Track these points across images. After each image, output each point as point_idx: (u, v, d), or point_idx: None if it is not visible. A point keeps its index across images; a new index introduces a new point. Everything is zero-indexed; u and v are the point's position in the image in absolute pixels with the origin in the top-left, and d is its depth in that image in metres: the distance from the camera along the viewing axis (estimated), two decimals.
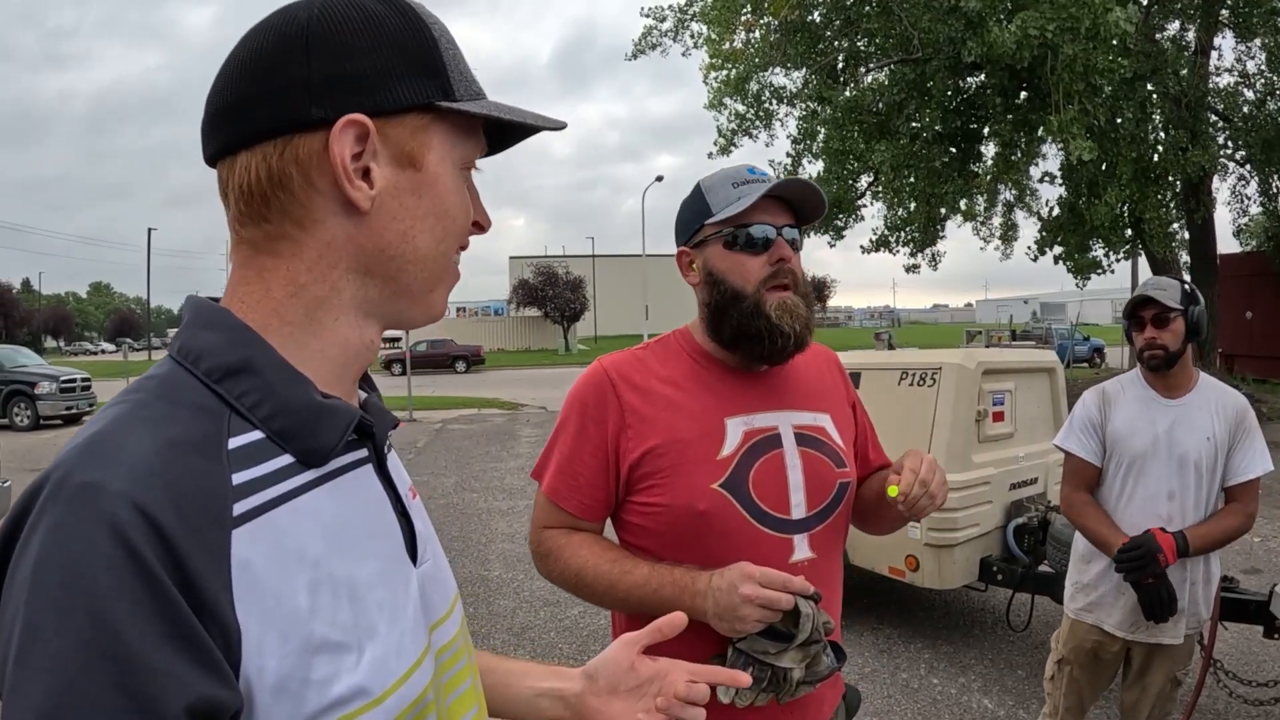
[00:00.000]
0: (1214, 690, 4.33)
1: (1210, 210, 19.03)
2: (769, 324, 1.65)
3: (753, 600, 1.47)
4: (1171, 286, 3.05)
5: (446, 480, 11.76)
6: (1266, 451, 3.08)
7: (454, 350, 41.09)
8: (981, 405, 5.15)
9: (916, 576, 5.02)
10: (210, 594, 0.66)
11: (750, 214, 1.67)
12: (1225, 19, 18.04)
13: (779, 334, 1.65)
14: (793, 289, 1.68)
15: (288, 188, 0.80)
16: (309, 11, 0.81)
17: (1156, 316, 3.03)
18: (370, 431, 0.88)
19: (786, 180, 1.67)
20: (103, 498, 0.64)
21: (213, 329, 0.80)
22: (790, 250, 1.69)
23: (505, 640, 5.71)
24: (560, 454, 1.76)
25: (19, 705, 0.60)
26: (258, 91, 0.79)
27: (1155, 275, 17.68)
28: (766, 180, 1.68)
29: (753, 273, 1.67)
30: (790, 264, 1.68)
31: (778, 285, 1.67)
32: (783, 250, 1.67)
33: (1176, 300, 3.01)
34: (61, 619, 0.60)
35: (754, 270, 1.67)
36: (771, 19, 18.34)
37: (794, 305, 1.67)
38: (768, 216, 1.69)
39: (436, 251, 0.88)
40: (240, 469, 0.73)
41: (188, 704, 0.62)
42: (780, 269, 1.67)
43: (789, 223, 1.71)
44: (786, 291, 1.67)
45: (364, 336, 0.87)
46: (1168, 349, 3.02)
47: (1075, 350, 30.95)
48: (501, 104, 0.91)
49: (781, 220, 1.70)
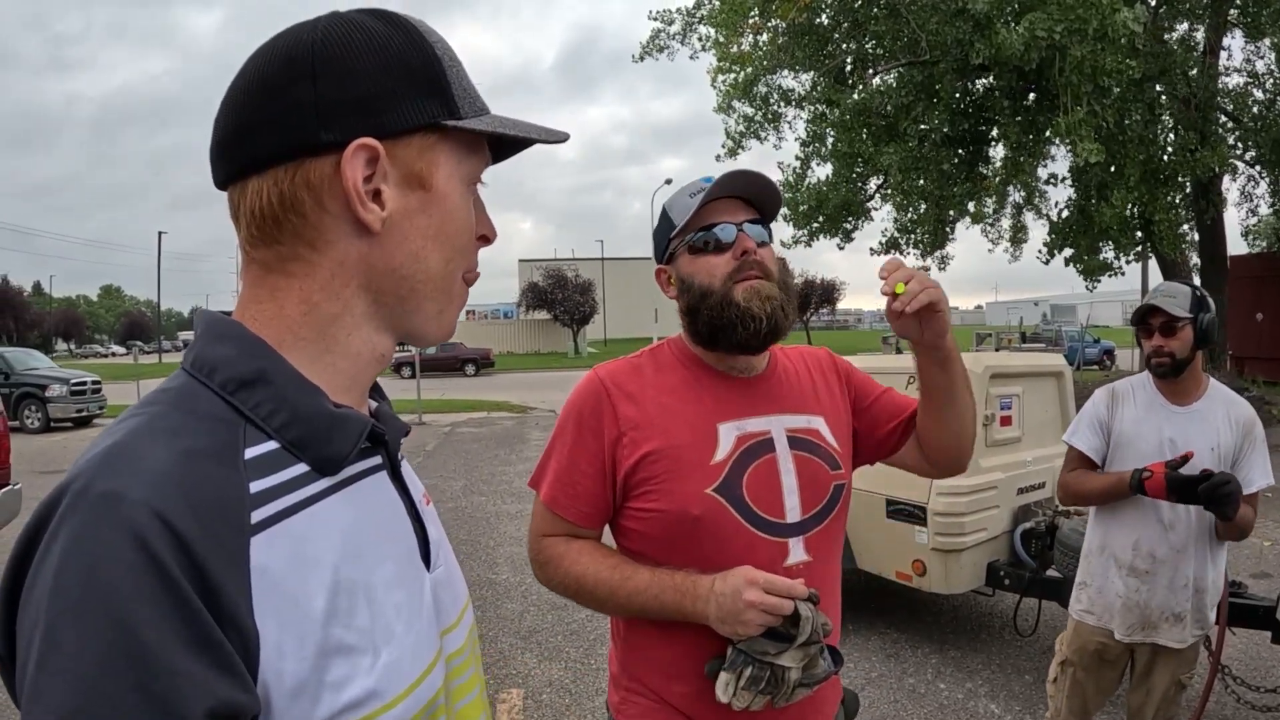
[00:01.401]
0: (1221, 695, 4.33)
1: (1220, 211, 18.96)
2: (739, 310, 1.66)
3: (757, 606, 1.49)
4: (1181, 293, 3.04)
5: (455, 483, 11.76)
6: (1269, 465, 3.08)
7: (463, 353, 41.07)
8: (989, 409, 5.14)
9: (923, 581, 5.02)
10: (229, 599, 0.67)
11: (707, 215, 1.71)
12: (1234, 19, 17.99)
13: (749, 317, 1.65)
14: (765, 278, 1.69)
15: (300, 211, 0.81)
16: (313, 35, 0.81)
17: (1165, 324, 3.02)
18: (383, 439, 0.89)
19: (729, 175, 1.68)
20: (124, 506, 0.65)
21: (226, 342, 0.81)
22: (753, 243, 1.69)
23: (512, 644, 5.72)
24: (557, 463, 1.77)
25: (41, 708, 0.61)
26: (265, 116, 0.80)
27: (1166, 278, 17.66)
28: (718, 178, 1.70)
29: (719, 270, 1.69)
30: (756, 255, 1.69)
31: (745, 277, 1.68)
32: (745, 243, 1.68)
33: (1185, 308, 2.99)
34: (84, 624, 0.61)
35: (720, 268, 1.69)
36: (779, 21, 18.32)
37: (762, 288, 1.67)
38: (726, 215, 1.71)
39: (446, 270, 0.89)
40: (257, 478, 0.75)
41: (208, 707, 0.63)
42: (745, 261, 1.68)
43: (750, 218, 1.72)
44: (758, 280, 1.68)
45: (377, 348, 0.89)
46: (1175, 356, 3.01)
47: (1085, 352, 30.85)
48: (505, 118, 0.91)
49: (742, 216, 1.71)
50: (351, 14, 0.84)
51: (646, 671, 1.74)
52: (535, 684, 5.10)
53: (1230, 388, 3.19)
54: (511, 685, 5.07)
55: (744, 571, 1.54)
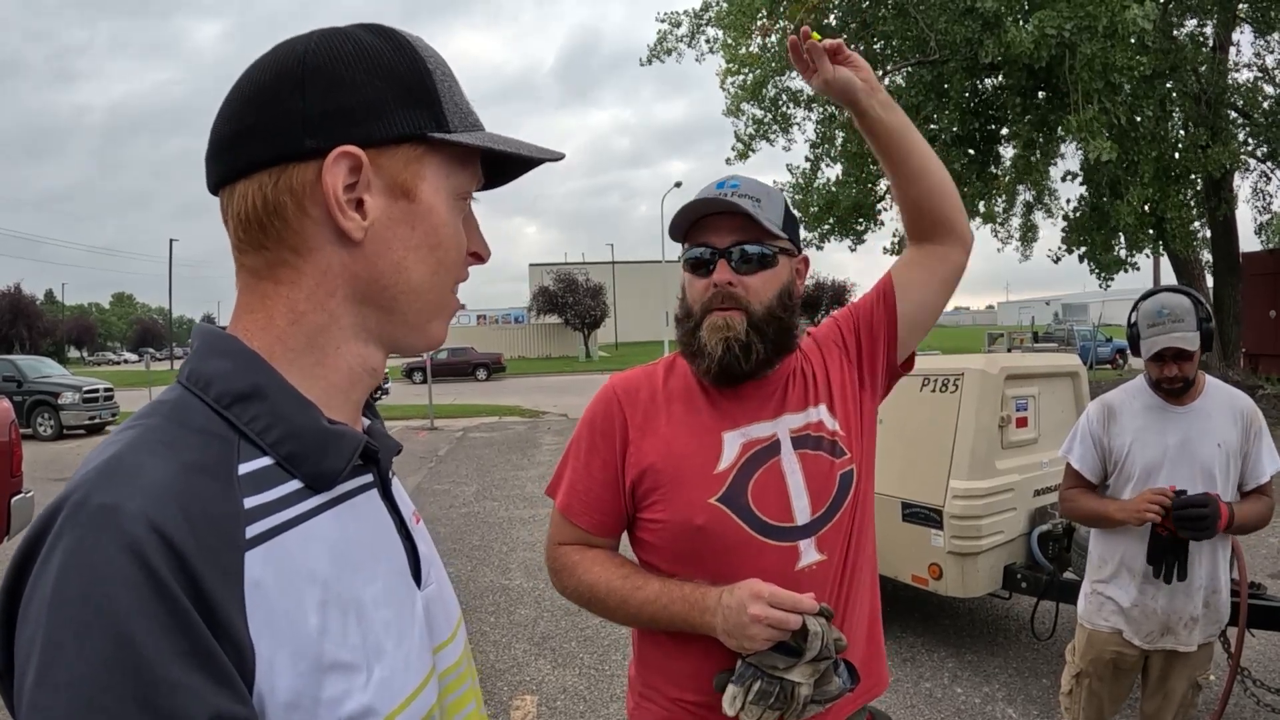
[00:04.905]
0: (1240, 698, 4.28)
1: (1232, 208, 18.91)
2: (699, 343, 1.66)
3: (761, 620, 1.47)
4: (1188, 314, 2.95)
5: (468, 488, 11.77)
6: (1275, 451, 3.08)
7: (475, 358, 41.21)
8: (1005, 411, 5.10)
9: (940, 585, 4.98)
10: (225, 613, 0.68)
11: (699, 232, 1.70)
12: (1243, 14, 17.93)
13: (704, 353, 1.65)
14: (740, 311, 1.65)
15: (282, 216, 0.82)
16: (305, 46, 0.83)
17: (1178, 354, 2.97)
18: (375, 457, 0.90)
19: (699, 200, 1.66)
20: (121, 518, 0.65)
21: (221, 356, 0.82)
22: (729, 273, 1.65)
23: (526, 650, 5.70)
24: (573, 471, 1.79)
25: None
26: (254, 123, 0.82)
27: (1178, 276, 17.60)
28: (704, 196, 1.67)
29: (698, 295, 1.70)
30: (733, 288, 1.65)
31: (714, 308, 1.66)
32: (719, 274, 1.66)
33: (1194, 328, 2.93)
34: (82, 636, 0.62)
35: (699, 292, 1.70)
36: (787, 23, 18.32)
37: (725, 323, 1.64)
38: (714, 236, 1.68)
39: (431, 282, 0.90)
40: (251, 493, 0.75)
41: (205, 718, 0.63)
42: (715, 293, 1.66)
43: (740, 239, 1.67)
44: (726, 313, 1.65)
45: (367, 362, 0.90)
46: (1188, 379, 2.99)
47: (1098, 352, 30.77)
48: (497, 135, 0.92)
49: (730, 239, 1.67)
50: (346, 28, 0.86)
51: (659, 679, 1.74)
52: (549, 690, 5.08)
53: (1244, 385, 3.17)
54: (525, 692, 5.05)
55: (750, 585, 1.52)
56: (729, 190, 1.67)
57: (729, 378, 1.68)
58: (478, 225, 0.97)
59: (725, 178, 1.73)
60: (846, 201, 19.66)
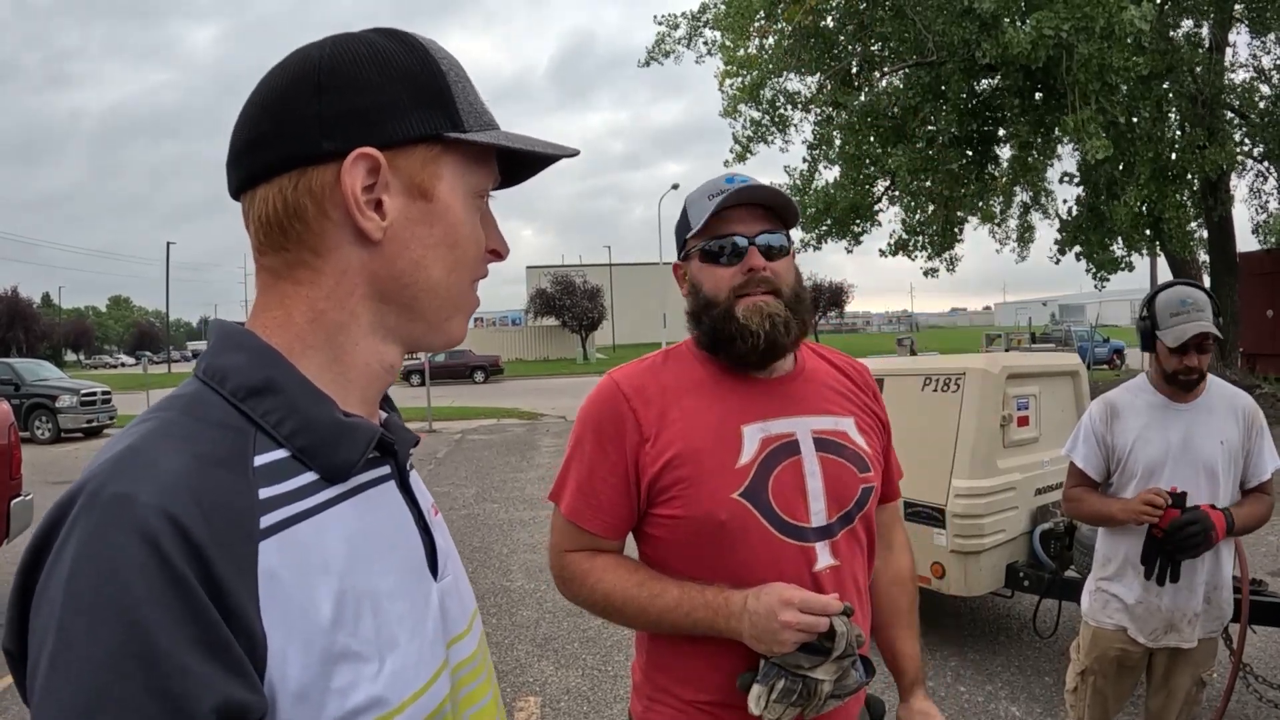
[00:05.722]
0: (1242, 695, 4.28)
1: (1229, 208, 18.93)
2: (738, 325, 1.63)
3: (793, 626, 1.47)
4: (1206, 304, 2.95)
5: (467, 491, 11.76)
6: (1274, 448, 3.09)
7: (472, 360, 41.11)
8: (1006, 410, 5.11)
9: (943, 584, 4.99)
10: (237, 602, 0.68)
11: (721, 224, 1.67)
12: (1239, 14, 17.97)
13: (748, 333, 1.62)
14: (773, 294, 1.66)
15: (303, 218, 0.83)
16: (321, 51, 0.85)
17: (1201, 343, 2.95)
18: (392, 449, 0.91)
19: (741, 188, 1.65)
20: (135, 508, 0.66)
21: (238, 350, 0.83)
22: (762, 259, 1.66)
23: (528, 652, 5.70)
24: (578, 474, 1.73)
25: (52, 706, 0.62)
26: (273, 128, 0.83)
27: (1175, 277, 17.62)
28: (734, 188, 1.66)
29: (724, 282, 1.67)
30: (764, 272, 1.65)
31: (749, 293, 1.65)
32: (753, 260, 1.65)
33: (1213, 318, 2.94)
34: (95, 622, 0.62)
35: (725, 280, 1.67)
36: (785, 24, 18.34)
37: (765, 305, 1.64)
38: (740, 226, 1.67)
39: (449, 280, 0.91)
40: (266, 485, 0.76)
41: (215, 705, 0.64)
42: (752, 278, 1.65)
43: (765, 229, 1.68)
44: (761, 297, 1.65)
45: (384, 360, 0.91)
46: (1203, 371, 3.00)
47: (1095, 352, 30.79)
48: (512, 134, 0.94)
49: (757, 228, 1.67)
50: (359, 32, 0.88)
51: (672, 681, 1.71)
52: (552, 692, 5.08)
53: (1242, 385, 3.17)
54: (529, 693, 5.05)
55: (778, 590, 1.51)
56: (741, 184, 1.67)
57: (772, 355, 1.67)
58: (496, 223, 0.97)
59: (730, 174, 1.72)
60: (844, 203, 19.67)
